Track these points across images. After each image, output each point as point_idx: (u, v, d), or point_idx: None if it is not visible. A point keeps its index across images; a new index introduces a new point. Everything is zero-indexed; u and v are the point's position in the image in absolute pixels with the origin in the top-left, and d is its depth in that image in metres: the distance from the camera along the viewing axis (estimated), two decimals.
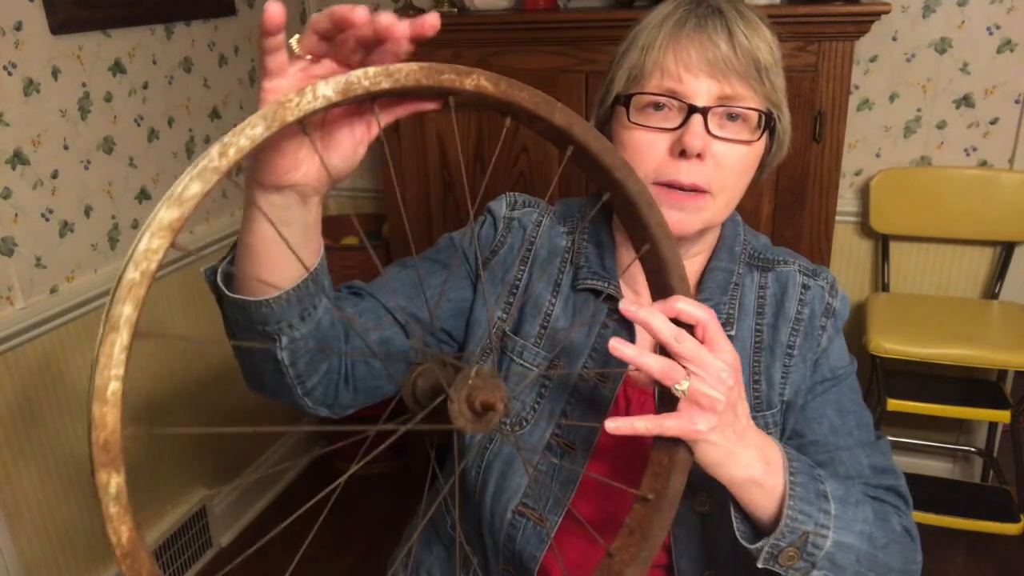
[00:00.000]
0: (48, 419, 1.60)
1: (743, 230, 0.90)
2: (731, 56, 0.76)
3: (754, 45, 0.76)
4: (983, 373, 2.06)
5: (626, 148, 0.80)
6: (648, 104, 0.78)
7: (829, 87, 1.64)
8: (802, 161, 1.70)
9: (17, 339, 1.51)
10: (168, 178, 1.87)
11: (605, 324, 0.86)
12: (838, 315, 0.86)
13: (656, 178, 0.78)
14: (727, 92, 0.76)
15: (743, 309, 0.85)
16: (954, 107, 1.97)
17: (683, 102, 0.76)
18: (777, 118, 0.81)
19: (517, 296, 0.89)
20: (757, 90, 0.77)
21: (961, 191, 1.98)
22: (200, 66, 1.95)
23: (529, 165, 1.91)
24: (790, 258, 0.89)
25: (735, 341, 0.84)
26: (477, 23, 1.85)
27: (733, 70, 0.76)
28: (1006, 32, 1.88)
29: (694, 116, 0.76)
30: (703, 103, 0.76)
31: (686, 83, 0.76)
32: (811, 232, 1.74)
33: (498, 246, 0.91)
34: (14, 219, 1.50)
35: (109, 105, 1.69)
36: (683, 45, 0.77)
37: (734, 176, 0.79)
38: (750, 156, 0.79)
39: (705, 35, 0.76)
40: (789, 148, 0.86)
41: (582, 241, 0.90)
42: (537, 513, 0.85)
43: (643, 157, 0.78)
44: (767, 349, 0.84)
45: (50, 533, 1.62)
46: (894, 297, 2.08)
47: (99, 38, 1.65)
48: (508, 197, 0.94)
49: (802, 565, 0.69)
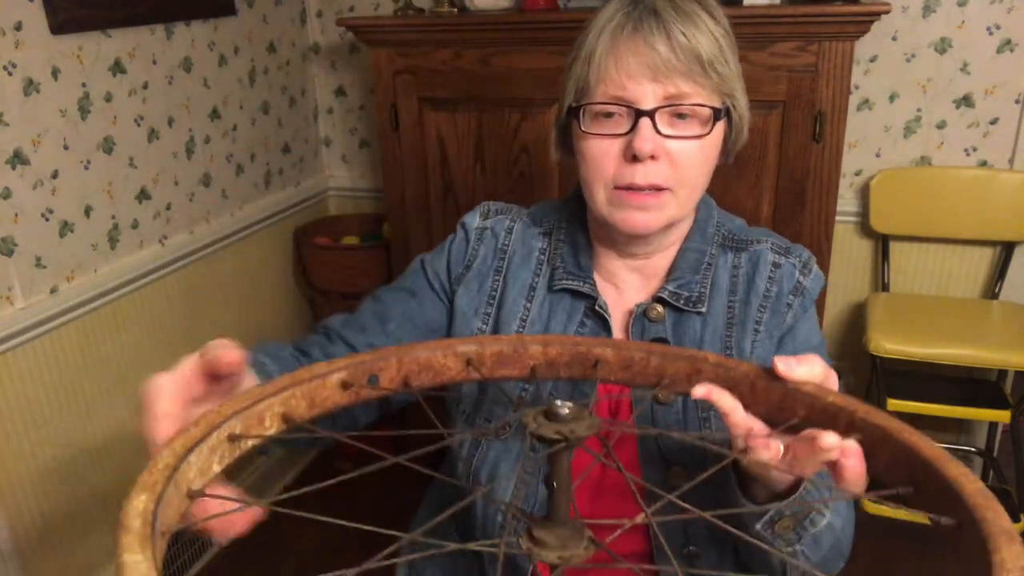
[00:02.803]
0: (48, 419, 1.60)
1: (716, 212, 0.91)
2: (671, 57, 0.76)
3: (694, 42, 0.76)
4: (983, 373, 2.06)
5: (584, 157, 0.82)
6: (598, 113, 0.80)
7: (829, 87, 1.64)
8: (802, 161, 1.70)
9: (17, 339, 1.51)
10: (168, 178, 1.87)
11: (582, 323, 0.87)
12: (807, 294, 0.86)
13: (615, 183, 0.80)
14: (671, 92, 0.77)
15: (716, 288, 0.87)
16: (954, 107, 1.97)
17: (630, 107, 0.77)
18: (732, 106, 0.82)
19: (495, 305, 0.90)
20: (703, 85, 0.78)
21: (961, 191, 1.98)
22: (200, 66, 1.95)
23: (529, 165, 1.91)
24: (764, 237, 0.90)
25: (708, 319, 0.85)
26: (477, 23, 1.85)
27: (674, 70, 0.76)
28: (1006, 32, 1.88)
29: (642, 120, 0.76)
30: (649, 106, 0.77)
31: (629, 89, 0.77)
32: (811, 232, 1.74)
33: (471, 259, 0.92)
34: (14, 219, 1.50)
35: (109, 105, 1.69)
36: (622, 53, 0.77)
37: (692, 171, 0.80)
38: (706, 148, 0.80)
39: (642, 39, 0.76)
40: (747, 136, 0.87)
41: (558, 242, 0.91)
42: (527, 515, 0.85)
43: (599, 164, 0.80)
44: (739, 324, 0.86)
45: (50, 533, 1.62)
46: (894, 297, 2.08)
47: (99, 38, 1.65)
48: (482, 207, 0.95)
49: (791, 536, 0.69)
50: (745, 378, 0.55)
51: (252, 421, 0.51)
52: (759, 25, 1.61)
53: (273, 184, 2.28)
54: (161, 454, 0.44)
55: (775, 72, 1.65)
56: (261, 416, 0.52)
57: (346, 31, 2.25)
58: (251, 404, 0.51)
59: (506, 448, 0.87)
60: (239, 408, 0.50)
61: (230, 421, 0.49)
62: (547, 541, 0.42)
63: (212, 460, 0.48)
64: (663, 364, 0.58)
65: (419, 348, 0.59)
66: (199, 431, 0.47)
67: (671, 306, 0.85)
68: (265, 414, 0.52)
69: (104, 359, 1.72)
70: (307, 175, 2.45)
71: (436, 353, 0.59)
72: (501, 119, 1.90)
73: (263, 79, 2.19)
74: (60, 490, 1.64)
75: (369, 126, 2.45)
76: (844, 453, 0.48)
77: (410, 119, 1.96)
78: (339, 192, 2.55)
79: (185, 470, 0.44)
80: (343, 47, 2.39)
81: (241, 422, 0.50)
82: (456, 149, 1.96)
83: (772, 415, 0.54)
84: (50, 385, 1.60)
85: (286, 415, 0.53)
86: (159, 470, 0.42)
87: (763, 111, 1.67)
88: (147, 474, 0.42)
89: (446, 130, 1.95)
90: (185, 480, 0.44)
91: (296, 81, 2.35)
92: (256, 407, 0.51)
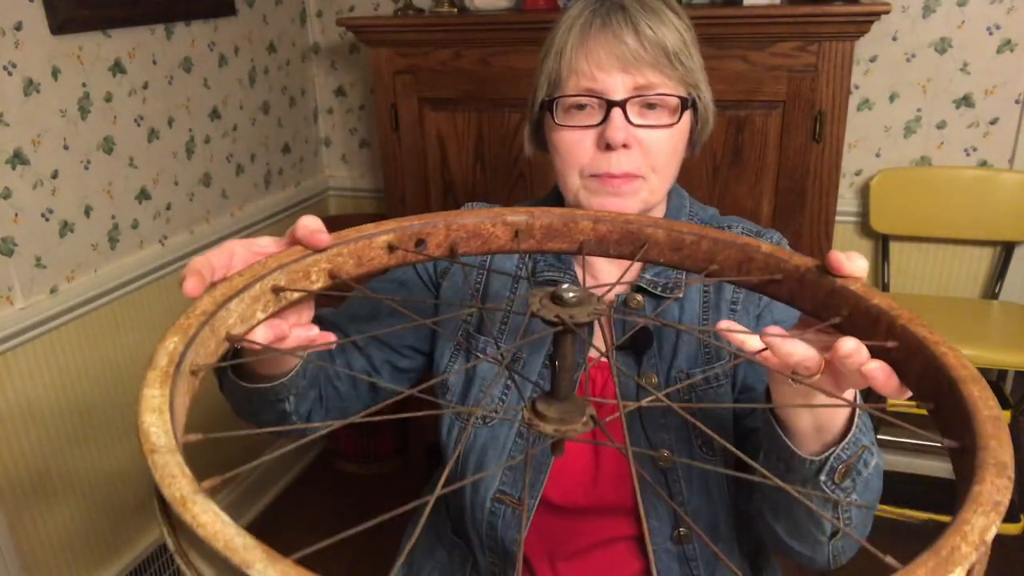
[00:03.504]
0: (48, 419, 1.60)
1: (688, 202, 0.95)
2: (639, 49, 0.80)
3: (660, 34, 0.80)
4: (983, 373, 2.05)
5: (558, 149, 0.85)
6: (571, 105, 0.83)
7: (829, 87, 1.64)
8: (802, 161, 1.70)
9: (17, 339, 1.51)
10: (168, 178, 1.87)
11: None
12: None
13: (590, 171, 0.83)
14: (640, 83, 0.81)
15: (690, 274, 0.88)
16: (954, 107, 1.97)
17: (601, 98, 0.81)
18: (697, 97, 0.85)
19: (479, 296, 0.94)
20: (670, 75, 0.81)
21: (961, 191, 1.98)
22: (200, 66, 1.95)
23: (529, 165, 1.91)
24: (735, 223, 0.93)
25: (684, 304, 0.88)
26: (477, 23, 1.85)
27: (643, 61, 0.80)
28: (1006, 32, 1.88)
29: (613, 110, 0.80)
30: (620, 96, 0.80)
31: (600, 80, 0.81)
32: (811, 232, 1.74)
33: None
34: (14, 219, 1.50)
35: (109, 105, 1.69)
36: (592, 46, 0.81)
37: (664, 158, 0.83)
38: (675, 137, 0.84)
39: (611, 32, 0.80)
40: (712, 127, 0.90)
41: None
42: (515, 498, 0.88)
43: (573, 154, 0.83)
44: (714, 307, 0.88)
45: (50, 534, 1.62)
46: (894, 297, 2.08)
47: (99, 38, 1.65)
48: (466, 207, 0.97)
49: (847, 484, 0.66)
50: (796, 271, 0.54)
51: (298, 275, 0.52)
52: (759, 25, 1.61)
53: (273, 184, 2.28)
54: (201, 300, 0.45)
55: (775, 72, 1.65)
56: (307, 271, 0.52)
57: (346, 31, 2.25)
58: (298, 259, 0.51)
59: (493, 435, 0.89)
60: (285, 262, 0.51)
61: (275, 273, 0.50)
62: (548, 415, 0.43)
63: (255, 309, 0.48)
64: (714, 249, 0.56)
65: (468, 215, 0.57)
66: (242, 281, 0.48)
67: (649, 294, 0.88)
68: (311, 269, 0.52)
69: (104, 359, 1.72)
70: (307, 175, 2.45)
71: (485, 221, 0.58)
72: (501, 119, 1.90)
73: (263, 79, 2.19)
74: (60, 490, 1.64)
75: (369, 126, 2.45)
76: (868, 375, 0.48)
77: (410, 119, 1.96)
78: (339, 192, 2.55)
79: (224, 316, 0.45)
80: (343, 47, 2.39)
81: (286, 275, 0.51)
82: (456, 149, 1.96)
83: (818, 311, 0.53)
84: (50, 385, 1.60)
85: (333, 271, 0.54)
86: (195, 315, 0.44)
87: (763, 111, 1.67)
88: (184, 318, 0.43)
89: (446, 130, 1.95)
90: (224, 325, 0.45)
91: (296, 81, 2.35)
92: (303, 261, 0.52)
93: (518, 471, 0.88)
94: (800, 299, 0.54)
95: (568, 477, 0.88)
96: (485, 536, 0.90)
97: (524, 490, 0.69)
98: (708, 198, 1.71)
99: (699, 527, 0.87)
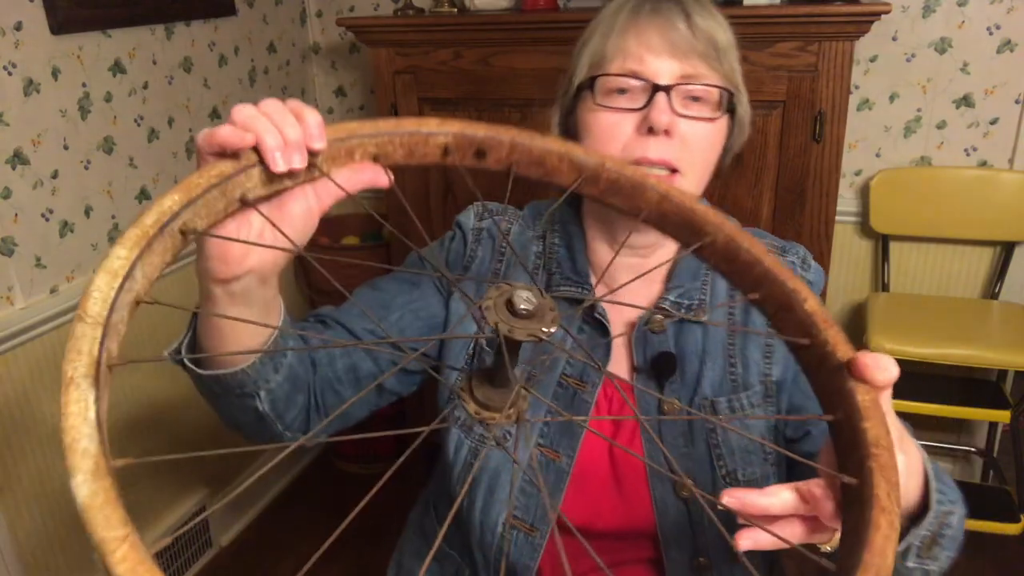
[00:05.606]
0: (48, 419, 1.60)
1: None
2: (690, 36, 0.78)
3: (711, 27, 0.79)
4: (983, 373, 2.06)
5: (592, 131, 0.81)
6: (612, 89, 0.80)
7: (829, 87, 1.64)
8: (802, 161, 1.70)
9: (17, 339, 1.50)
10: (168, 178, 1.87)
11: (580, 329, 0.86)
12: (812, 288, 0.86)
13: (625, 156, 0.79)
14: (688, 71, 0.78)
15: (715, 294, 0.86)
16: (954, 107, 1.97)
17: (647, 82, 0.78)
18: (736, 100, 0.83)
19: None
20: (716, 69, 0.79)
21: (961, 191, 1.98)
22: (200, 66, 1.95)
23: None
24: (763, 237, 0.90)
25: (709, 328, 0.85)
26: (477, 23, 1.85)
27: (693, 49, 0.78)
28: (1006, 32, 1.88)
29: (659, 94, 0.77)
30: (666, 81, 0.77)
31: (648, 63, 0.78)
32: (811, 232, 1.74)
33: (470, 260, 0.91)
34: (14, 219, 1.50)
35: (109, 105, 1.69)
36: (643, 28, 0.79)
37: (701, 154, 0.80)
38: (714, 134, 0.81)
39: (663, 18, 0.78)
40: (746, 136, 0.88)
41: (552, 244, 0.90)
42: (527, 524, 0.85)
43: (611, 137, 0.79)
44: (741, 332, 0.85)
45: (50, 534, 1.62)
46: (894, 297, 2.08)
47: (99, 38, 1.65)
48: (476, 207, 0.94)
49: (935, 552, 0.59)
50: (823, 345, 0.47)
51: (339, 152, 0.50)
52: (759, 25, 1.61)
53: None
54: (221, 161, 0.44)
55: (775, 72, 1.65)
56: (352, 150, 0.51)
57: (346, 31, 2.25)
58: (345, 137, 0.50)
59: (507, 457, 0.85)
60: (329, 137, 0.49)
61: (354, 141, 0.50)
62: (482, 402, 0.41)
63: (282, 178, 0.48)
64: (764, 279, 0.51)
65: (537, 139, 0.54)
66: None
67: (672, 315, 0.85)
68: (356, 150, 0.51)
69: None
70: None
71: (552, 153, 0.54)
72: (501, 119, 1.88)
73: (263, 79, 2.19)
74: (60, 490, 1.64)
75: None
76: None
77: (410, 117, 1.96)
78: None
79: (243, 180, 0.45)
80: (343, 47, 2.39)
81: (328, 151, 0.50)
82: None
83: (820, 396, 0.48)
84: (50, 385, 1.60)
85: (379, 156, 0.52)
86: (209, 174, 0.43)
87: (763, 111, 1.67)
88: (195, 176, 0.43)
89: None
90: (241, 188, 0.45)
91: (296, 81, 2.35)
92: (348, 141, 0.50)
93: (532, 496, 0.85)
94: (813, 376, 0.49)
95: (586, 500, 0.85)
96: (494, 559, 0.86)
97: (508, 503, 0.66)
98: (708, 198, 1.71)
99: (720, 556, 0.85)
